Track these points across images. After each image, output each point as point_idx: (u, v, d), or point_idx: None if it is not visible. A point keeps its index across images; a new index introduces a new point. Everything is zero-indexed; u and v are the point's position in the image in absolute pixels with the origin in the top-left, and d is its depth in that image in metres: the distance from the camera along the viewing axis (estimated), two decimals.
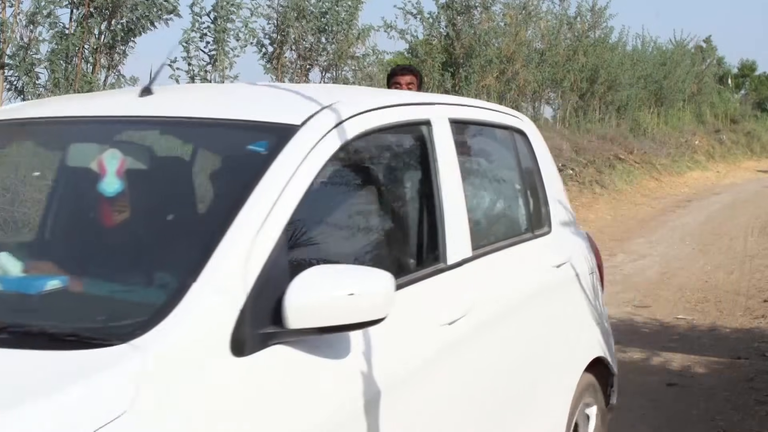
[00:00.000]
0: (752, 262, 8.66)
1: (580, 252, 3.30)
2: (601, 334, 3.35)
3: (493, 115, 3.01)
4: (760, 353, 5.39)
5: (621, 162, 15.88)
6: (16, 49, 7.32)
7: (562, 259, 3.07)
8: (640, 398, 4.58)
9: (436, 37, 13.69)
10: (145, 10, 7.83)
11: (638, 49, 20.91)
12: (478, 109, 2.99)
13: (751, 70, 35.42)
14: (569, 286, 3.12)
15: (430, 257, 2.37)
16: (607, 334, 3.42)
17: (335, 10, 10.28)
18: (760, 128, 26.98)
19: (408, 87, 4.80)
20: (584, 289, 3.22)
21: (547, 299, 2.92)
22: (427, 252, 2.39)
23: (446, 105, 2.66)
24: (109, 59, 8.06)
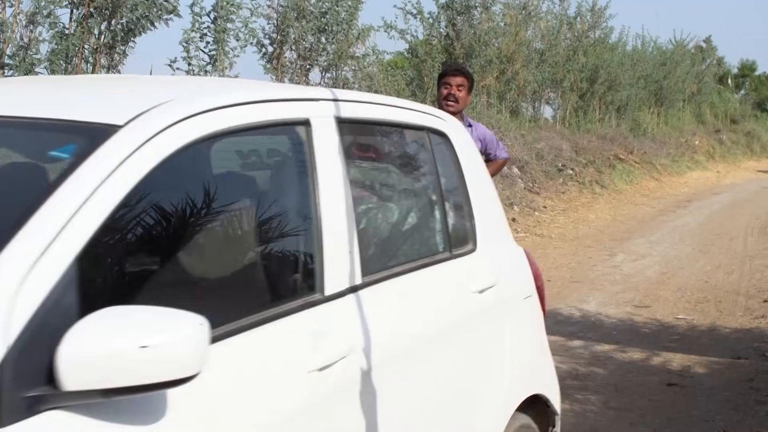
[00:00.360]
0: (752, 262, 8.66)
1: (513, 273, 2.88)
2: (540, 368, 2.96)
3: (402, 114, 2.57)
4: (760, 353, 5.38)
5: (621, 162, 15.88)
6: (16, 49, 7.32)
7: (487, 282, 2.63)
8: (640, 398, 4.58)
9: (436, 37, 13.69)
10: (145, 10, 7.83)
11: (638, 49, 20.92)
12: (382, 106, 2.52)
13: (751, 70, 35.44)
14: (496, 314, 2.68)
15: (301, 287, 1.97)
16: (547, 368, 3.04)
17: (335, 10, 10.29)
18: (760, 128, 26.99)
19: (458, 89, 4.61)
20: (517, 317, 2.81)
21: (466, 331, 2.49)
22: (296, 281, 1.99)
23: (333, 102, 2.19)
24: (109, 59, 8.06)
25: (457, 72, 4.70)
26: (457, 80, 4.61)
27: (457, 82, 4.61)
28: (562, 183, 13.29)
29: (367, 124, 2.44)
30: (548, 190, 12.63)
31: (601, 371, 5.09)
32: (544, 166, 13.10)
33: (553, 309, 6.75)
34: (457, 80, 4.61)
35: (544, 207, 11.87)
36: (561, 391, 4.63)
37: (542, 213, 11.59)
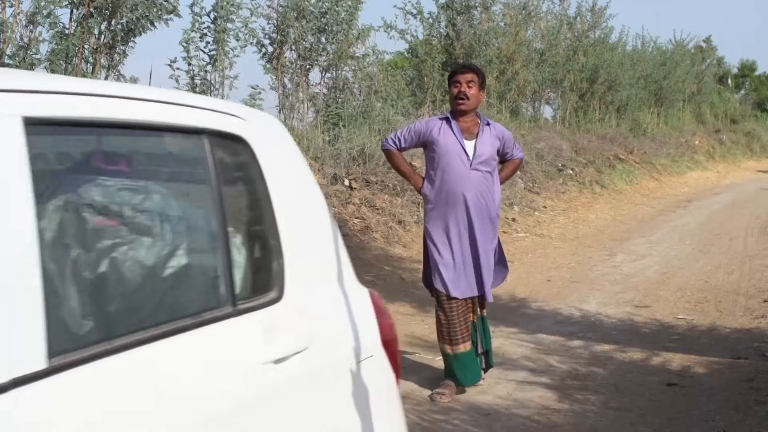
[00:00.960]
0: (752, 262, 8.65)
1: (341, 328, 2.12)
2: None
3: (166, 112, 1.83)
4: (760, 353, 5.38)
5: (621, 162, 15.88)
6: (16, 49, 7.32)
7: (292, 345, 1.92)
8: (640, 398, 4.58)
9: (436, 37, 13.69)
10: (145, 10, 7.83)
11: (638, 49, 20.91)
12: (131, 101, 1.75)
13: (751, 70, 35.43)
14: (307, 392, 1.94)
15: None
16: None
17: (335, 10, 10.29)
18: (760, 128, 26.98)
19: (468, 86, 4.52)
20: (343, 391, 2.04)
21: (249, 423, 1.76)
22: None
23: (24, 94, 1.51)
24: (109, 59, 8.06)
25: (465, 69, 4.61)
26: (466, 77, 4.52)
27: (467, 78, 4.52)
28: (562, 183, 13.29)
29: (91, 126, 1.67)
30: (548, 190, 12.63)
31: (601, 371, 5.09)
32: (544, 166, 13.11)
33: (553, 309, 6.75)
34: (467, 77, 4.52)
35: (544, 207, 11.87)
36: (561, 391, 4.65)
37: (542, 213, 11.59)
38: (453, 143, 4.47)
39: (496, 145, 4.59)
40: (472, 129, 4.54)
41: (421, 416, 4.26)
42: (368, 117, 10.63)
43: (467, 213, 4.47)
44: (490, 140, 4.55)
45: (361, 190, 9.26)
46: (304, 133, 10.05)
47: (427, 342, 5.71)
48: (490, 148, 4.54)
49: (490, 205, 4.54)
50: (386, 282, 7.56)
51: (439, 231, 4.54)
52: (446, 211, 4.51)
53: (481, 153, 4.49)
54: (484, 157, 4.50)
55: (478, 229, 4.49)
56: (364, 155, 9.74)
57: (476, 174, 4.48)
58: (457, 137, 4.48)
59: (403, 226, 9.11)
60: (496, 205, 4.61)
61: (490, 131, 4.57)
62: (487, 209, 4.53)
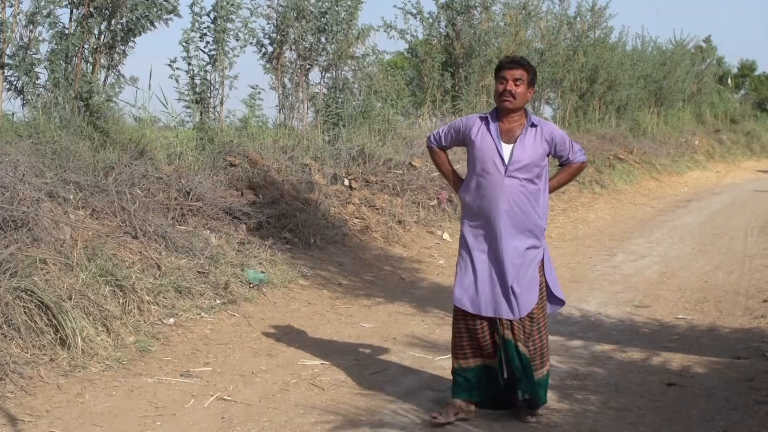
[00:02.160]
0: (752, 262, 8.65)
1: None
2: None
3: None
4: (760, 353, 5.38)
5: (621, 162, 15.88)
6: (16, 49, 7.32)
7: None
8: (640, 398, 4.58)
9: (436, 37, 13.69)
10: (145, 10, 7.83)
11: (638, 49, 20.90)
12: None
13: (751, 70, 35.40)
14: None
15: None
16: None
17: (335, 10, 10.28)
18: (760, 128, 26.96)
19: (515, 84, 4.12)
20: None
21: None
22: None
23: None
24: (108, 59, 8.06)
25: (514, 64, 4.17)
26: (514, 73, 4.12)
27: (515, 75, 4.12)
28: None
29: None
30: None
31: (601, 371, 5.09)
32: None
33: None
34: (515, 73, 4.12)
35: None
36: (561, 391, 4.65)
37: None
38: (489, 146, 4.11)
39: (542, 148, 4.14)
40: (515, 131, 4.14)
41: (420, 416, 4.26)
42: (368, 117, 10.63)
43: (499, 224, 4.08)
44: (534, 143, 4.12)
45: (361, 190, 9.26)
46: (304, 133, 10.05)
47: (427, 342, 5.72)
48: (531, 153, 4.10)
49: (528, 218, 4.10)
50: (386, 282, 7.56)
51: (469, 239, 4.18)
52: (479, 219, 4.15)
53: (520, 158, 4.07)
54: (523, 163, 4.07)
55: (507, 243, 4.07)
56: (364, 155, 9.74)
57: (512, 182, 4.06)
58: (495, 140, 4.11)
59: (403, 226, 9.11)
60: (537, 218, 4.14)
61: (536, 133, 4.14)
62: (524, 222, 4.09)
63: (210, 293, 6.11)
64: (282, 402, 4.51)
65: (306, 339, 5.75)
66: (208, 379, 4.83)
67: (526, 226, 4.10)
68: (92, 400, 4.40)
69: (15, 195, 5.57)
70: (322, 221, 8.21)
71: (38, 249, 5.29)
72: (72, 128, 7.27)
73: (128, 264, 5.77)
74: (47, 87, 7.50)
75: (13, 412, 4.12)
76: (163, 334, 5.38)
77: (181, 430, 4.10)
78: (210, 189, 7.48)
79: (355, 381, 4.87)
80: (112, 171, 6.77)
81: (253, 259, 6.89)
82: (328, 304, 6.67)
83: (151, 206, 6.63)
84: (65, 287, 5.07)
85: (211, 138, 8.74)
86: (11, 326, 4.65)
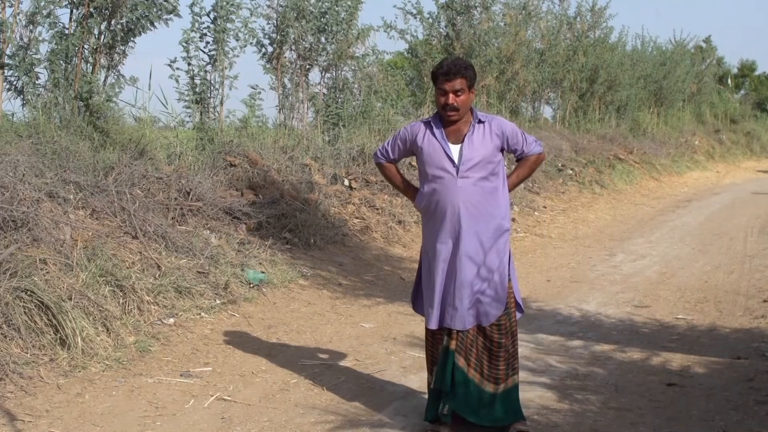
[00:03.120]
0: (752, 262, 8.65)
1: None
2: None
3: None
4: (760, 353, 5.38)
5: (621, 162, 15.88)
6: (16, 49, 7.32)
7: None
8: (640, 398, 4.58)
9: (436, 37, 13.69)
10: (145, 10, 7.83)
11: (638, 49, 20.91)
12: None
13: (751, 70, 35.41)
14: None
15: None
16: None
17: (335, 10, 10.28)
18: (760, 128, 26.98)
19: (456, 96, 3.90)
20: None
21: None
22: None
23: None
24: (108, 59, 8.06)
25: (451, 75, 3.89)
26: (454, 85, 3.88)
27: (455, 87, 3.88)
28: (562, 183, 13.29)
29: None
30: (548, 190, 12.63)
31: (601, 371, 5.09)
32: (544, 166, 13.10)
33: (553, 309, 6.76)
34: (455, 85, 3.88)
35: (544, 207, 11.87)
36: (561, 391, 4.65)
37: (542, 213, 11.59)
38: (436, 149, 3.94)
39: (493, 144, 3.96)
40: (461, 130, 3.96)
41: (421, 416, 4.25)
42: (368, 117, 10.63)
43: (458, 228, 3.89)
44: (484, 140, 3.95)
45: (361, 190, 9.26)
46: (304, 133, 10.05)
47: None
48: (482, 149, 3.92)
49: (488, 219, 3.91)
50: (386, 282, 7.56)
51: (428, 248, 4.02)
52: (437, 227, 3.96)
53: (470, 157, 3.89)
54: (474, 162, 3.89)
55: (468, 248, 3.88)
56: (364, 155, 9.74)
57: (466, 182, 3.88)
58: (441, 142, 3.94)
59: (403, 226, 9.11)
60: (499, 217, 3.95)
61: (485, 129, 3.97)
62: (483, 223, 3.90)
63: (210, 293, 6.11)
64: (282, 402, 4.51)
65: (306, 339, 5.75)
66: (208, 379, 4.83)
67: (488, 227, 3.91)
68: (92, 400, 4.40)
69: (15, 195, 5.58)
70: (322, 221, 8.21)
71: (38, 249, 5.29)
72: (72, 128, 7.27)
73: (128, 264, 5.77)
74: (47, 87, 7.50)
75: (13, 412, 4.12)
76: (163, 334, 5.38)
77: (181, 430, 4.10)
78: (210, 189, 7.48)
79: (355, 381, 4.87)
80: (112, 171, 6.77)
81: (253, 259, 6.89)
82: (328, 304, 6.67)
83: (151, 206, 6.63)
84: (65, 287, 5.07)
85: (211, 138, 8.74)
86: (11, 326, 4.65)
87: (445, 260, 3.94)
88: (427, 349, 4.11)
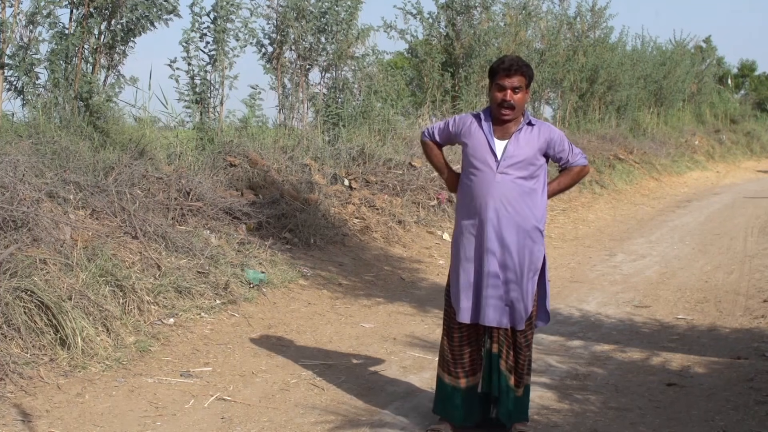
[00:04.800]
0: (752, 262, 8.65)
1: None
2: None
3: None
4: (760, 353, 5.38)
5: (621, 162, 15.88)
6: (16, 49, 7.31)
7: None
8: (640, 398, 4.58)
9: (436, 37, 13.69)
10: (145, 10, 7.83)
11: (638, 49, 20.90)
12: None
13: (751, 70, 35.42)
14: None
15: None
16: None
17: (335, 10, 10.28)
18: (760, 128, 26.97)
19: (514, 93, 3.92)
20: None
21: None
22: None
23: None
24: (108, 59, 8.06)
25: (513, 71, 3.90)
26: (513, 81, 3.89)
27: (514, 84, 3.89)
28: None
29: None
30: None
31: (601, 371, 5.09)
32: None
33: (553, 309, 6.75)
34: (514, 81, 3.89)
35: None
36: (561, 391, 4.65)
37: None
38: (481, 142, 3.95)
39: (538, 146, 3.95)
40: (510, 128, 3.96)
41: (421, 416, 4.25)
42: (368, 117, 10.63)
43: (489, 224, 3.88)
44: (530, 141, 3.94)
45: (361, 190, 9.26)
46: (304, 133, 10.05)
47: (427, 342, 5.71)
48: (526, 149, 3.91)
49: (522, 218, 3.88)
50: (386, 282, 7.56)
51: (460, 241, 4.00)
52: (471, 220, 3.96)
53: (513, 154, 3.89)
54: (516, 159, 3.89)
55: (497, 245, 3.89)
56: (364, 155, 9.74)
57: (505, 179, 3.87)
58: (487, 136, 3.94)
59: (403, 226, 9.11)
60: (533, 219, 3.91)
61: (532, 131, 3.96)
62: (517, 222, 3.87)
63: (210, 293, 6.11)
64: (282, 402, 4.51)
65: (306, 339, 5.75)
66: (208, 379, 4.83)
67: (520, 227, 3.89)
68: (92, 400, 4.40)
69: (15, 195, 5.57)
70: (322, 221, 8.21)
71: (38, 249, 5.29)
72: (72, 128, 7.27)
73: (128, 264, 5.77)
74: (47, 87, 7.50)
75: (13, 412, 4.12)
76: (163, 334, 5.38)
77: (181, 430, 4.10)
78: (210, 189, 7.48)
79: (355, 381, 4.87)
80: (112, 171, 6.77)
81: (253, 259, 6.89)
82: (328, 304, 6.67)
83: (151, 206, 6.63)
84: (65, 287, 5.06)
85: (211, 138, 8.74)
86: (11, 326, 4.65)
87: (478, 253, 3.93)
88: (444, 346, 4.06)
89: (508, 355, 3.98)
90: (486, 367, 4.01)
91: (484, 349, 4.01)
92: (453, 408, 4.05)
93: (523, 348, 3.97)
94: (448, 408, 4.07)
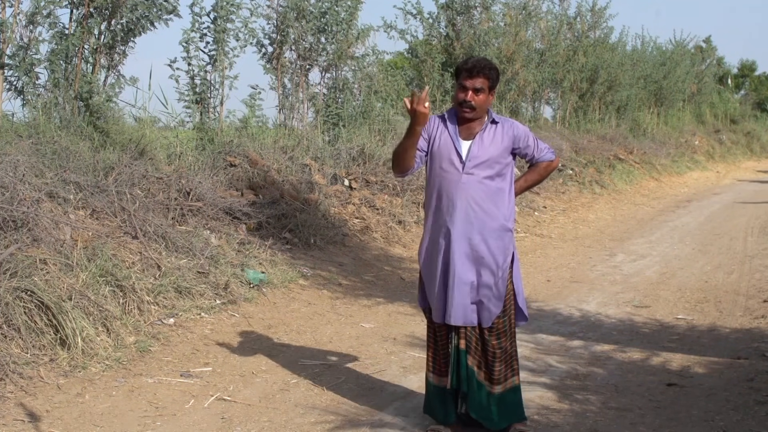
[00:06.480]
0: (752, 262, 8.65)
1: None
2: None
3: None
4: (760, 353, 5.38)
5: (621, 162, 15.88)
6: (16, 49, 7.31)
7: None
8: (640, 398, 4.58)
9: (436, 37, 13.70)
10: (145, 10, 7.82)
11: (638, 49, 20.91)
12: None
13: (751, 70, 35.44)
14: None
15: None
16: None
17: (335, 10, 10.28)
18: (760, 128, 27.00)
19: (475, 94, 3.91)
20: None
21: None
22: None
23: None
24: (108, 59, 8.06)
25: (475, 73, 3.91)
26: (475, 83, 3.90)
27: (475, 85, 3.90)
28: (562, 183, 13.29)
29: None
30: (548, 190, 12.62)
31: (601, 371, 5.09)
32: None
33: (553, 309, 6.76)
34: (476, 83, 3.90)
35: (544, 207, 11.87)
36: (561, 391, 4.65)
37: (542, 213, 11.58)
38: (446, 144, 3.96)
39: (503, 145, 3.95)
40: (474, 128, 3.97)
41: (421, 416, 4.25)
42: (368, 117, 10.63)
43: (457, 224, 3.89)
44: (495, 140, 3.94)
45: (361, 190, 9.26)
46: (304, 133, 10.05)
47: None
48: (491, 149, 3.92)
49: (490, 217, 3.90)
50: (386, 282, 7.56)
51: (428, 242, 4.02)
52: (437, 221, 3.97)
53: (478, 154, 3.90)
54: (481, 159, 3.90)
55: (466, 245, 3.89)
56: (364, 155, 9.74)
57: (471, 179, 3.88)
58: (452, 136, 3.96)
59: (403, 226, 9.11)
60: (501, 218, 3.93)
61: (497, 130, 3.96)
62: (484, 222, 3.89)
63: (210, 293, 6.11)
64: (282, 402, 4.51)
65: (306, 339, 5.75)
66: (208, 379, 4.83)
67: (487, 227, 3.89)
68: (92, 400, 4.40)
69: (15, 195, 5.57)
70: (322, 221, 8.21)
71: (38, 249, 5.29)
72: (72, 128, 7.27)
73: (128, 264, 5.77)
74: (47, 87, 7.50)
75: (13, 412, 4.12)
76: (163, 334, 5.38)
77: (181, 430, 4.11)
78: (210, 189, 7.48)
79: (355, 381, 4.87)
80: (112, 171, 6.77)
81: (253, 259, 6.89)
82: (328, 304, 6.67)
83: (151, 206, 6.63)
84: (65, 287, 5.07)
85: (211, 138, 8.74)
86: (11, 326, 4.65)
87: (446, 255, 3.93)
88: (429, 345, 4.11)
89: (476, 351, 3.97)
90: (453, 364, 3.99)
91: (451, 346, 3.99)
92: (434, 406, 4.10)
93: (491, 343, 3.96)
94: (430, 406, 4.11)
